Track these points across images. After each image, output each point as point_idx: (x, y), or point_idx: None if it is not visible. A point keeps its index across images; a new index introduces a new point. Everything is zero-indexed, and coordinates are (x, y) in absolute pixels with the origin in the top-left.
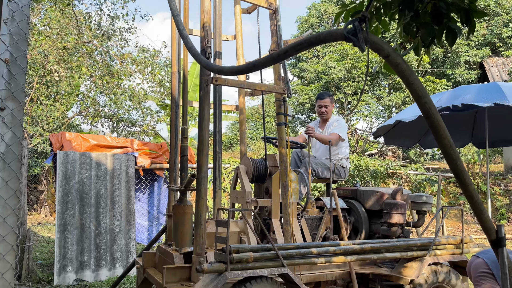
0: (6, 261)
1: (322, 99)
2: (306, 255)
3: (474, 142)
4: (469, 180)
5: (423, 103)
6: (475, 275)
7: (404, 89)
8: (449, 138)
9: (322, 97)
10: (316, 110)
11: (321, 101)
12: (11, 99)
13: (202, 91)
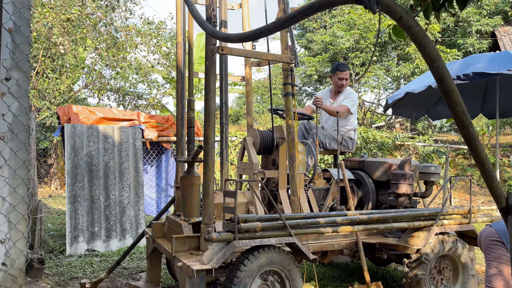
0: (18, 230)
1: (343, 71)
2: (313, 225)
3: (484, 113)
4: (480, 147)
5: (436, 67)
6: (486, 244)
7: (413, 59)
8: (462, 104)
9: (343, 69)
10: (334, 81)
11: (342, 73)
12: (16, 69)
13: (208, 61)
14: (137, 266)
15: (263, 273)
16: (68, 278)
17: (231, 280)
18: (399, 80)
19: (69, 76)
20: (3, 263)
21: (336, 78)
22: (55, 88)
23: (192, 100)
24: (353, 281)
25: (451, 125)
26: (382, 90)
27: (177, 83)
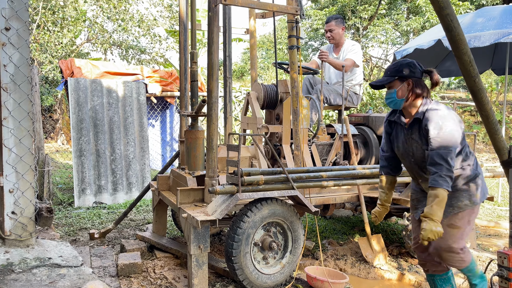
0: (26, 180)
1: (327, 23)
2: (315, 179)
3: (493, 69)
4: (486, 99)
5: (444, 14)
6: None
7: (424, 13)
8: (470, 54)
9: (326, 21)
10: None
11: (326, 26)
12: (15, 19)
13: (210, 12)
14: (144, 218)
15: (265, 224)
16: (77, 228)
17: (235, 230)
18: (408, 35)
19: (70, 29)
20: (12, 211)
21: (325, 33)
22: (56, 42)
23: (195, 53)
24: (354, 234)
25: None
26: (390, 45)
27: (179, 36)
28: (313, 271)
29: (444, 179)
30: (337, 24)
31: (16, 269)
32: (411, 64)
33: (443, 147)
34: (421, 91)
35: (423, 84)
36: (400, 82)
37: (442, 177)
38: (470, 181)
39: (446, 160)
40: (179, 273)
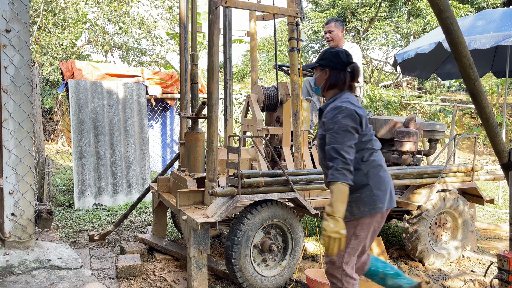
0: (26, 182)
1: (326, 25)
2: (315, 181)
3: (494, 71)
4: (486, 102)
5: (444, 17)
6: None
7: (425, 15)
8: (469, 57)
9: (326, 23)
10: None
11: (326, 27)
12: (16, 21)
13: (211, 14)
14: (144, 220)
15: (265, 227)
16: (77, 230)
17: (235, 232)
18: (408, 38)
19: (71, 31)
20: (12, 213)
21: (324, 34)
22: (57, 43)
23: (196, 55)
24: None
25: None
26: (390, 47)
27: (180, 38)
28: (313, 273)
29: (340, 172)
30: (337, 26)
31: (16, 271)
32: (334, 53)
33: (338, 142)
34: (335, 82)
35: (341, 76)
36: (320, 70)
37: (339, 170)
38: (358, 189)
39: (340, 153)
40: (179, 275)
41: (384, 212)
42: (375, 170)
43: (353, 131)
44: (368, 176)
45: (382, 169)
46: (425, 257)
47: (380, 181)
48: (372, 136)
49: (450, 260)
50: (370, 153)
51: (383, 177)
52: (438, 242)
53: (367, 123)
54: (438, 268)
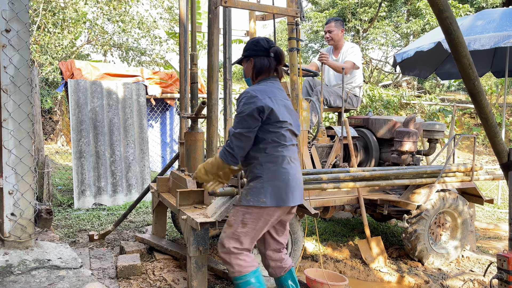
0: (25, 182)
1: (326, 24)
2: (315, 181)
3: (493, 71)
4: (485, 102)
5: (444, 17)
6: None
7: (424, 15)
8: (469, 57)
9: (326, 23)
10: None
11: (325, 27)
12: (16, 20)
13: (211, 13)
14: (143, 220)
15: None
16: (77, 230)
17: None
18: (408, 37)
19: (70, 31)
20: (12, 213)
21: (324, 34)
22: (57, 43)
23: (195, 54)
24: (353, 236)
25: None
26: (390, 47)
27: (179, 38)
28: (312, 273)
29: (223, 150)
30: (337, 26)
31: (15, 271)
32: (255, 42)
33: (234, 126)
34: (261, 68)
35: (265, 61)
36: (246, 61)
37: (223, 149)
38: (253, 179)
39: (231, 137)
40: (179, 275)
41: (278, 207)
42: (273, 164)
43: (250, 119)
44: (263, 168)
45: (285, 164)
46: (425, 256)
47: (275, 176)
48: (283, 130)
49: (449, 259)
50: (274, 146)
51: (281, 172)
52: (438, 242)
53: (283, 115)
54: (438, 268)
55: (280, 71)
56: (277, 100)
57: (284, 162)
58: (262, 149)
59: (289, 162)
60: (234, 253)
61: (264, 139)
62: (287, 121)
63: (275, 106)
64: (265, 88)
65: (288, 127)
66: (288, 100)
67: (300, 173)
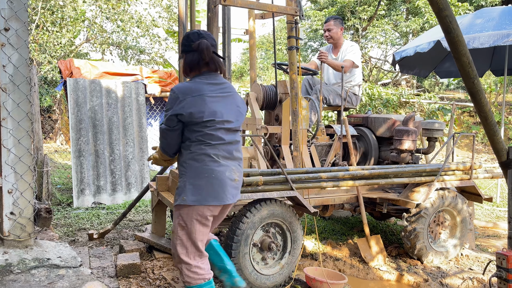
0: (24, 181)
1: (325, 23)
2: (314, 179)
3: (492, 70)
4: (485, 100)
5: (443, 16)
6: None
7: (423, 14)
8: (468, 55)
9: (325, 21)
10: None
11: (325, 25)
12: (14, 19)
13: (210, 12)
14: (143, 219)
15: (265, 225)
16: (76, 229)
17: (234, 231)
18: (407, 36)
19: (69, 30)
20: (11, 212)
21: (323, 32)
22: (55, 42)
23: None
24: (353, 235)
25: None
26: (389, 46)
27: (179, 36)
28: (312, 271)
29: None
30: (336, 24)
31: (15, 270)
32: (186, 36)
33: (162, 122)
34: (189, 64)
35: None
36: (182, 58)
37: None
38: (180, 177)
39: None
40: (178, 274)
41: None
42: (195, 162)
43: (170, 119)
44: (187, 166)
45: (208, 162)
46: (424, 255)
47: (197, 175)
48: (208, 129)
49: (448, 258)
50: (198, 145)
51: (204, 170)
52: (437, 240)
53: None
54: (437, 266)
55: (215, 64)
56: (204, 98)
57: (208, 160)
58: (187, 147)
59: (215, 161)
60: (185, 263)
61: (189, 138)
62: (215, 119)
63: (196, 108)
64: (192, 86)
65: (218, 126)
66: (229, 94)
67: (233, 172)
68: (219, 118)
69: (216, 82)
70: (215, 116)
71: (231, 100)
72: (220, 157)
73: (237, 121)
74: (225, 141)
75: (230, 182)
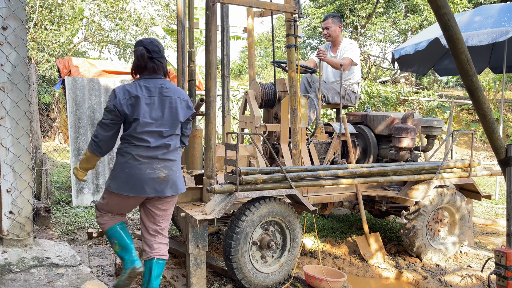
0: (23, 180)
1: (323, 21)
2: (313, 178)
3: (491, 67)
4: (483, 98)
5: (442, 14)
6: None
7: (422, 11)
8: (467, 53)
9: (323, 19)
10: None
11: (323, 23)
12: (12, 18)
13: (208, 10)
14: None
15: (264, 223)
16: (75, 227)
17: (233, 229)
18: (406, 33)
19: (67, 28)
20: (10, 211)
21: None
22: (54, 40)
23: (193, 52)
24: (352, 232)
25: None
26: (388, 43)
27: (177, 35)
28: (311, 269)
29: (91, 141)
30: (334, 22)
31: (14, 269)
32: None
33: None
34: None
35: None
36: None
37: (90, 140)
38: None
39: (96, 127)
40: (178, 272)
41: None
42: (121, 157)
43: (108, 113)
44: (116, 159)
45: (129, 160)
46: (423, 252)
47: (120, 168)
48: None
49: (447, 255)
50: (125, 143)
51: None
52: (436, 238)
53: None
54: (436, 264)
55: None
56: (138, 101)
57: (129, 158)
58: (120, 142)
59: (136, 160)
60: (97, 216)
61: (122, 136)
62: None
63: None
64: (130, 87)
65: (146, 129)
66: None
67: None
68: (147, 121)
69: (154, 85)
70: (144, 118)
71: (167, 103)
72: (142, 157)
73: (172, 125)
74: (150, 144)
75: (151, 179)
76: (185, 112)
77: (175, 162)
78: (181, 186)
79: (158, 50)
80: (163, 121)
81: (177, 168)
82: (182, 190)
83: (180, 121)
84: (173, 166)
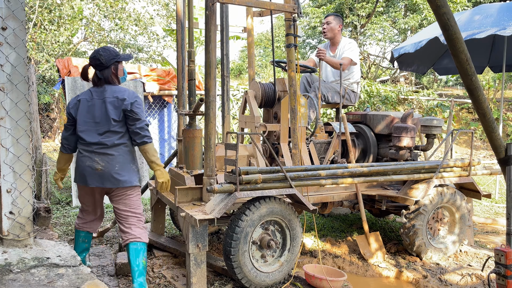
0: (23, 180)
1: (325, 18)
2: (313, 177)
3: (491, 66)
4: (483, 97)
5: (441, 13)
6: None
7: (422, 10)
8: (466, 52)
9: (325, 16)
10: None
11: (324, 20)
12: (12, 18)
13: (208, 10)
14: None
15: (264, 223)
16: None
17: (233, 229)
18: (405, 33)
19: (67, 28)
20: (10, 211)
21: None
22: (53, 40)
23: (193, 51)
24: (352, 232)
25: (457, 79)
26: (387, 42)
27: (177, 34)
28: (311, 269)
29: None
30: (335, 20)
31: (14, 269)
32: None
33: None
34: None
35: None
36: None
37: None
38: None
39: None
40: (178, 272)
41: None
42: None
43: (67, 115)
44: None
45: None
46: (423, 251)
47: (76, 161)
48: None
49: (447, 254)
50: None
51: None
52: (436, 237)
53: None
54: (436, 263)
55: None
56: (81, 104)
57: (79, 153)
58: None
59: (81, 153)
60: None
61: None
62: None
63: (73, 110)
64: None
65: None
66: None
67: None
68: (84, 120)
69: (101, 89)
70: (80, 119)
71: (103, 104)
72: (84, 151)
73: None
74: (85, 141)
75: (91, 170)
76: (118, 110)
77: (114, 157)
78: (124, 179)
79: (100, 63)
80: (95, 120)
81: (117, 162)
82: (125, 183)
83: (112, 118)
84: (111, 160)
